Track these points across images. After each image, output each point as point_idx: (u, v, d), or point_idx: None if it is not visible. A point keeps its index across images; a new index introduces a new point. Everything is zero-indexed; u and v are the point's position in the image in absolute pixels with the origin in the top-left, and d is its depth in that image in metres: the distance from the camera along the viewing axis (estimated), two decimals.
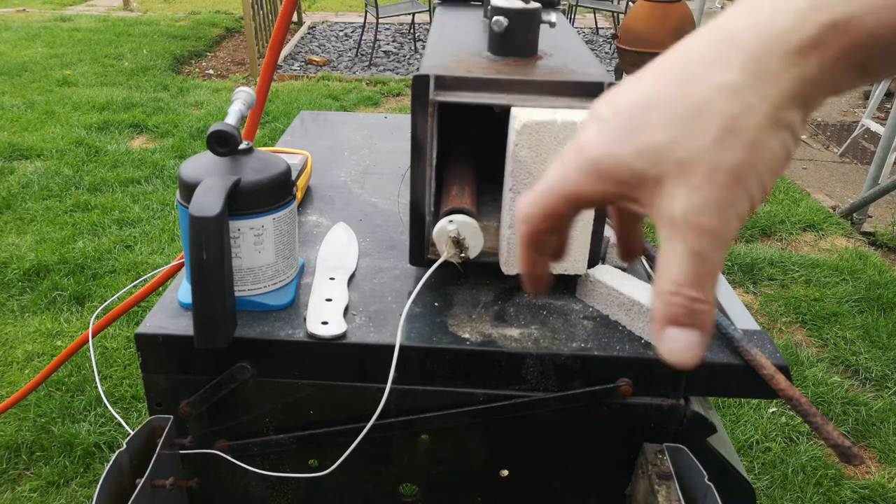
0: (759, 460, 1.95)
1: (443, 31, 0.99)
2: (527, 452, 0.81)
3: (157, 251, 2.87)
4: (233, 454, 0.81)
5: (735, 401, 2.15)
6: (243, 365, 0.76)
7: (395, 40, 6.75)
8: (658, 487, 0.72)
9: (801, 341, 2.46)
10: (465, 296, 0.84)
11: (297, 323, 0.78)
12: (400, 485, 0.84)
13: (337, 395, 0.78)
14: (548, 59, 0.85)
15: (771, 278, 2.82)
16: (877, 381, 2.26)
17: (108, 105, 4.59)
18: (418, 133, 0.77)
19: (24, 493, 1.77)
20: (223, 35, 6.89)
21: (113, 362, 2.22)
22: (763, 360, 0.73)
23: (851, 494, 1.85)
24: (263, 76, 1.16)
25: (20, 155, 3.78)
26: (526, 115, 0.72)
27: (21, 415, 2.00)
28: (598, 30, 7.19)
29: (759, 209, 0.44)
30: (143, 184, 3.49)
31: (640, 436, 0.78)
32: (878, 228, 3.36)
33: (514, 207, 0.77)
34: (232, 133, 0.73)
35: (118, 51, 6.00)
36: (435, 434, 0.80)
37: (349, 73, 5.75)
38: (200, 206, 0.67)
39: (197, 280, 0.69)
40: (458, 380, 0.77)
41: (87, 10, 7.81)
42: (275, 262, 0.79)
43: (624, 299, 0.78)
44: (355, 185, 1.16)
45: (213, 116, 4.46)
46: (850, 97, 5.44)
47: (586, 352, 0.75)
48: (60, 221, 3.08)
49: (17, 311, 2.47)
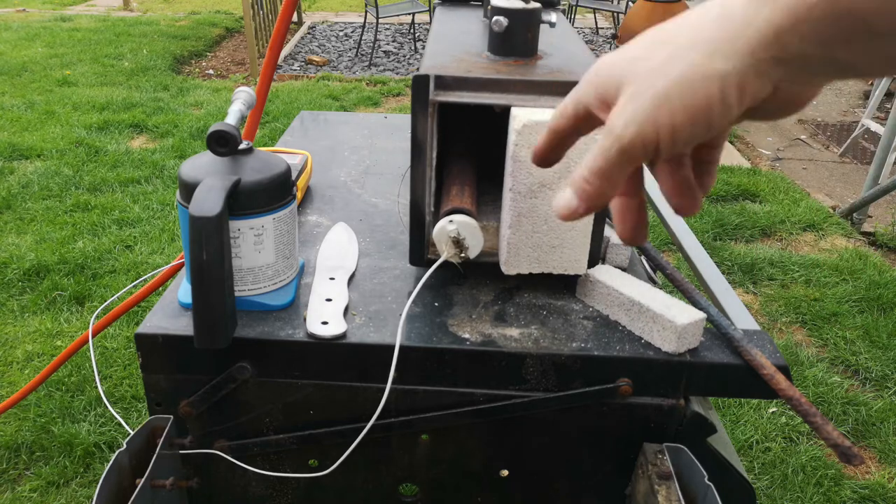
0: (759, 460, 1.95)
1: (443, 31, 0.99)
2: (527, 452, 0.81)
3: (157, 251, 2.87)
4: (233, 454, 0.81)
5: (735, 401, 2.15)
6: (243, 365, 0.76)
7: (395, 40, 6.75)
8: (658, 487, 0.72)
9: (801, 341, 2.46)
10: (465, 296, 0.84)
11: (297, 323, 0.78)
12: (400, 485, 0.84)
13: (337, 395, 0.78)
14: (548, 59, 0.85)
15: (771, 278, 2.82)
16: (877, 381, 2.26)
17: (108, 105, 4.59)
18: (418, 133, 0.77)
19: (24, 493, 1.77)
20: (223, 35, 6.89)
21: (113, 362, 2.22)
22: (763, 360, 0.73)
23: (851, 494, 1.85)
24: (263, 76, 1.16)
25: (20, 155, 3.78)
26: (526, 115, 0.72)
27: (21, 415, 2.00)
28: (598, 30, 7.19)
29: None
30: (143, 184, 3.49)
31: (640, 436, 0.78)
32: (878, 228, 3.36)
33: (514, 207, 0.77)
34: (232, 133, 0.73)
35: (118, 51, 6.00)
36: (435, 434, 0.80)
37: (349, 73, 5.75)
38: (200, 206, 0.67)
39: (197, 280, 0.69)
40: (458, 380, 0.77)
41: (87, 10, 7.81)
42: (275, 262, 0.79)
43: (624, 299, 0.78)
44: (355, 185, 1.16)
45: (213, 116, 4.46)
46: (850, 97, 5.44)
47: (586, 352, 0.75)
48: (60, 221, 3.08)
49: (17, 311, 2.47)
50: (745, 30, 0.32)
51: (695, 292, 0.82)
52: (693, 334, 0.74)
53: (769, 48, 0.31)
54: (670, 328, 0.73)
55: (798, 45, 0.31)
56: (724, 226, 3.20)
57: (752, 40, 0.32)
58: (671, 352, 0.74)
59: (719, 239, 3.13)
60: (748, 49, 0.32)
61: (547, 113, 0.72)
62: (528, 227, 0.79)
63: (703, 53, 0.33)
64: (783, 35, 0.31)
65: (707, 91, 0.33)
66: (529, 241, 0.80)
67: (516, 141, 0.73)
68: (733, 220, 3.24)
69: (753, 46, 0.32)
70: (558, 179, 0.75)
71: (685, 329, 0.73)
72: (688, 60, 0.33)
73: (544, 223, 0.78)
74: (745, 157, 4.19)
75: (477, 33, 0.97)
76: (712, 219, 3.24)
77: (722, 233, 3.17)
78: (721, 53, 0.32)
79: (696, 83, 0.33)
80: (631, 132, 0.34)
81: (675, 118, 0.33)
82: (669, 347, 0.74)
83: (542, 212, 0.77)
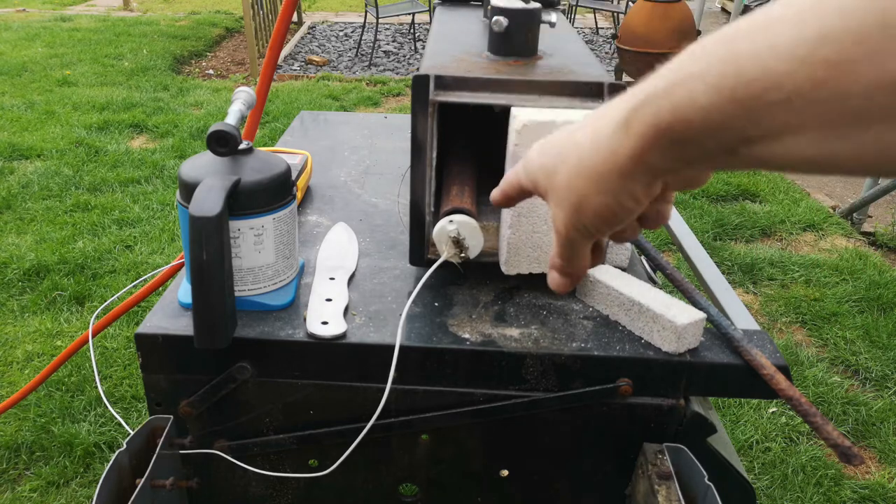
0: (759, 460, 1.95)
1: (443, 31, 0.99)
2: (527, 452, 0.81)
3: (157, 251, 2.87)
4: (233, 454, 0.81)
5: (735, 401, 2.15)
6: (243, 365, 0.76)
7: (395, 40, 6.75)
8: (658, 487, 0.72)
9: (801, 341, 2.46)
10: (465, 296, 0.84)
11: (297, 323, 0.78)
12: (400, 485, 0.84)
13: (337, 395, 0.78)
14: (548, 59, 0.85)
15: (771, 278, 2.82)
16: (877, 381, 2.26)
17: (108, 105, 4.59)
18: (418, 133, 0.77)
19: (24, 493, 1.77)
20: (223, 35, 6.89)
21: (113, 362, 2.22)
22: (763, 360, 0.73)
23: (851, 494, 1.85)
24: (263, 76, 1.16)
25: (20, 155, 3.78)
26: (526, 115, 0.72)
27: (21, 415, 2.00)
28: (598, 30, 7.19)
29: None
30: (143, 184, 3.49)
31: (640, 436, 0.78)
32: (878, 228, 3.36)
33: (514, 207, 0.77)
34: (232, 133, 0.73)
35: (118, 51, 6.00)
36: (435, 434, 0.80)
37: (349, 73, 5.75)
38: (200, 206, 0.67)
39: (197, 280, 0.69)
40: (458, 380, 0.77)
41: (87, 10, 7.81)
42: (275, 262, 0.79)
43: (624, 299, 0.78)
44: (355, 185, 1.16)
45: (213, 116, 4.46)
46: None
47: (586, 352, 0.75)
48: (60, 221, 3.08)
49: (17, 311, 2.47)
50: (614, 158, 0.38)
51: (695, 292, 0.82)
52: (693, 334, 0.74)
53: (638, 166, 0.38)
54: (670, 328, 0.73)
55: (660, 160, 0.37)
56: (724, 226, 3.20)
57: (623, 167, 0.38)
58: (671, 352, 0.74)
59: (719, 239, 3.13)
60: (621, 174, 0.38)
61: (547, 113, 0.72)
62: (528, 227, 0.79)
63: (589, 183, 0.40)
64: (645, 157, 0.37)
65: (605, 205, 0.40)
66: (529, 241, 0.80)
67: (516, 141, 0.73)
68: (733, 220, 3.24)
69: (625, 170, 0.38)
70: None
71: (685, 329, 0.73)
72: (581, 189, 0.41)
73: (544, 223, 0.78)
74: None
75: (477, 33, 0.97)
76: (712, 219, 3.24)
77: (722, 233, 3.17)
78: (604, 183, 0.39)
79: (595, 202, 0.41)
80: (569, 230, 0.44)
81: (593, 220, 0.42)
82: (669, 347, 0.74)
83: (542, 212, 0.77)
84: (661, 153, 0.36)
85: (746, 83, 0.30)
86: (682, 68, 0.34)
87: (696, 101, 0.32)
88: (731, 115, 0.31)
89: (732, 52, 0.31)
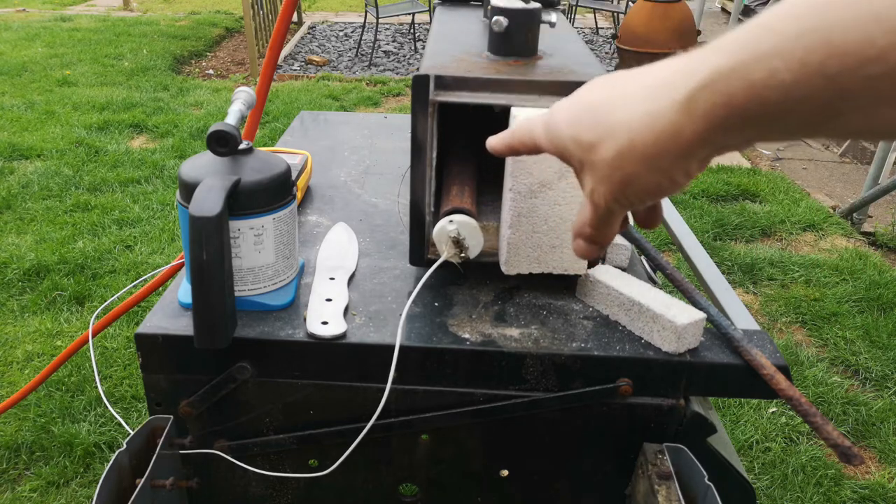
0: (759, 460, 1.95)
1: (443, 31, 0.99)
2: (527, 452, 0.81)
3: (157, 251, 2.87)
4: (233, 454, 0.81)
5: (735, 401, 2.15)
6: (243, 365, 0.76)
7: (395, 40, 6.74)
8: (658, 487, 0.72)
9: (801, 341, 2.46)
10: (465, 296, 0.84)
11: (297, 323, 0.78)
12: (400, 485, 0.84)
13: (337, 395, 0.78)
14: (548, 59, 0.85)
15: (771, 278, 2.82)
16: (877, 381, 2.26)
17: (108, 105, 4.59)
18: (418, 133, 0.77)
19: (24, 493, 1.77)
20: (223, 35, 6.89)
21: (113, 362, 2.22)
22: (763, 360, 0.73)
23: (851, 494, 1.85)
24: (263, 76, 1.16)
25: (20, 155, 3.78)
26: (526, 115, 0.72)
27: (21, 415, 2.00)
28: (598, 30, 7.19)
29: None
30: (143, 184, 3.49)
31: (640, 436, 0.78)
32: (878, 228, 3.36)
33: (514, 207, 0.77)
34: (232, 133, 0.73)
35: (118, 51, 6.00)
36: (435, 434, 0.80)
37: (349, 73, 5.75)
38: (200, 206, 0.67)
39: (197, 280, 0.69)
40: (458, 380, 0.77)
41: (87, 10, 7.81)
42: (275, 262, 0.79)
43: (624, 299, 0.78)
44: (355, 185, 1.16)
45: (213, 116, 4.46)
46: None
47: (586, 352, 0.75)
48: (60, 221, 3.08)
49: (17, 311, 2.47)
50: (676, 139, 0.37)
51: (695, 292, 0.82)
52: (693, 334, 0.74)
53: (702, 146, 0.37)
54: (670, 328, 0.73)
55: (728, 139, 0.36)
56: (724, 226, 3.20)
57: (684, 148, 0.37)
58: (671, 352, 0.74)
59: (719, 239, 3.13)
60: (679, 154, 0.38)
61: None
62: (528, 227, 0.79)
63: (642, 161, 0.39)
64: (711, 137, 0.36)
65: (657, 183, 0.40)
66: (529, 241, 0.80)
67: None
68: (733, 220, 3.24)
69: (685, 151, 0.37)
70: (558, 179, 0.75)
71: (685, 329, 0.73)
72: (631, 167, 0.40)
73: (544, 223, 0.78)
74: (745, 157, 4.19)
75: (477, 33, 0.97)
76: (712, 219, 3.24)
77: (722, 233, 3.17)
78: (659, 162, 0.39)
79: (645, 180, 0.40)
80: (609, 203, 0.44)
81: (639, 195, 0.42)
82: (669, 347, 0.74)
83: (542, 212, 0.77)
84: (730, 132, 0.35)
85: (840, 56, 0.28)
86: (751, 42, 0.32)
87: (777, 77, 0.30)
88: (819, 89, 0.30)
89: (822, 24, 0.29)
